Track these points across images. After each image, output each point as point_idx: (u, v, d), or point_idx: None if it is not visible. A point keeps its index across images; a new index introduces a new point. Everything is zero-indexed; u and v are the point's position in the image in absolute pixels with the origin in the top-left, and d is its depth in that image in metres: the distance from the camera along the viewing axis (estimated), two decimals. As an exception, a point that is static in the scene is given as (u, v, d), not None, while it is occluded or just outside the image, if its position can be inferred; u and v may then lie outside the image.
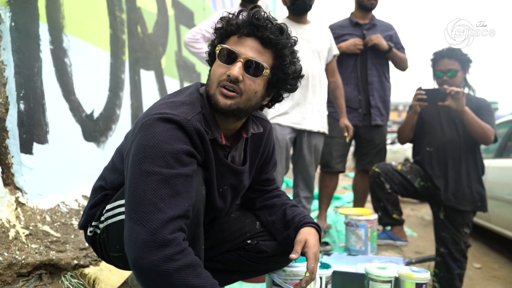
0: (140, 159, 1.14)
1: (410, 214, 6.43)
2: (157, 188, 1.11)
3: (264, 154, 1.57)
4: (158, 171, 1.12)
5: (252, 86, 1.27)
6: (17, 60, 2.10)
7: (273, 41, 1.27)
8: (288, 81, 1.35)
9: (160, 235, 1.06)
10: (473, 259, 4.21)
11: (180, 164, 1.15)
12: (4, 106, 2.05)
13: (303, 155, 2.87)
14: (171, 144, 1.15)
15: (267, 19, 1.27)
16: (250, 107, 1.32)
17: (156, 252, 1.06)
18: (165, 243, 1.06)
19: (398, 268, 1.89)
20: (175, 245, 1.07)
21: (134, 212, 1.10)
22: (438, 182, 2.88)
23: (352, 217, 2.80)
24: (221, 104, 1.26)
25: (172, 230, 1.08)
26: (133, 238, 1.09)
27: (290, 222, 1.50)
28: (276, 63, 1.30)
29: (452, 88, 2.66)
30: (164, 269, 1.05)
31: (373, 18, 3.45)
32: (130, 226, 1.10)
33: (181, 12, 4.54)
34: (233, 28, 1.29)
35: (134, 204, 1.11)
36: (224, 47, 1.28)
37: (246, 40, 1.27)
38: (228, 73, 1.24)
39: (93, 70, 2.80)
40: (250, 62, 1.25)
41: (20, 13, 2.14)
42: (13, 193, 2.08)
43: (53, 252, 1.93)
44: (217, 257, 1.56)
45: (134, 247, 1.08)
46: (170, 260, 1.06)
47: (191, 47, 3.04)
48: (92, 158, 2.70)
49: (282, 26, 1.30)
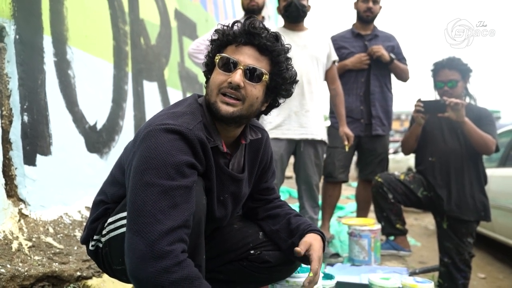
0: (142, 170, 1.15)
1: (413, 223, 6.39)
2: (157, 199, 1.12)
3: (262, 162, 1.59)
4: (159, 183, 1.13)
5: (253, 92, 1.32)
6: (21, 73, 2.12)
7: (269, 48, 1.32)
8: (285, 86, 1.40)
9: (158, 247, 1.07)
10: (477, 269, 4.17)
11: (181, 176, 1.16)
12: (8, 118, 2.07)
13: (305, 164, 2.86)
14: (173, 156, 1.16)
15: (262, 28, 1.32)
16: (252, 113, 1.36)
17: (153, 264, 1.06)
18: (162, 255, 1.07)
19: (401, 279, 1.88)
20: (172, 257, 1.08)
21: (133, 223, 1.11)
22: (441, 192, 2.88)
23: (356, 227, 2.79)
24: (222, 111, 1.29)
25: (170, 242, 1.09)
26: (132, 249, 1.10)
27: (295, 231, 1.51)
28: (273, 69, 1.35)
29: (452, 100, 2.66)
30: (160, 281, 1.06)
31: (375, 29, 3.47)
32: (130, 237, 1.11)
33: (183, 23, 4.58)
34: (230, 37, 1.34)
35: (134, 215, 1.12)
36: (224, 56, 1.32)
37: (244, 48, 1.32)
38: (230, 80, 1.28)
39: (96, 81, 2.82)
40: (249, 69, 1.30)
41: (25, 26, 2.17)
42: (16, 204, 2.09)
43: (56, 264, 1.93)
44: (220, 268, 1.56)
45: (133, 258, 1.09)
46: (166, 272, 1.06)
47: (195, 57, 3.07)
48: (95, 169, 2.71)
49: (277, 34, 1.36)
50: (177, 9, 4.44)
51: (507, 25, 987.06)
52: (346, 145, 2.97)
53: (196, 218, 1.23)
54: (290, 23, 2.88)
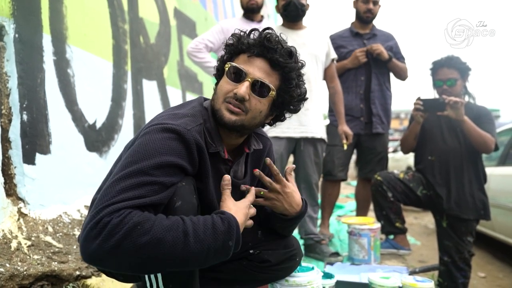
0: (127, 163, 1.13)
1: (413, 222, 6.40)
2: (126, 189, 1.07)
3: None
4: (137, 176, 1.09)
5: (257, 105, 1.31)
6: (20, 71, 2.11)
7: (281, 64, 1.31)
8: (292, 103, 1.40)
9: (101, 223, 1.00)
10: (477, 268, 4.18)
11: (162, 174, 1.13)
12: (7, 117, 2.06)
13: (304, 163, 2.86)
14: (161, 155, 1.14)
15: (278, 42, 1.31)
16: (254, 125, 1.36)
17: (97, 238, 0.99)
18: (103, 226, 1.00)
19: (401, 278, 1.88)
20: (111, 222, 1.00)
21: (94, 207, 1.06)
22: (441, 191, 2.88)
23: (355, 226, 2.79)
24: (226, 119, 1.29)
25: (111, 214, 1.02)
26: (81, 231, 1.04)
27: None
28: (283, 85, 1.34)
29: (451, 98, 2.67)
30: (106, 247, 0.99)
31: (374, 28, 3.47)
32: (84, 220, 1.06)
33: (183, 22, 4.57)
34: (244, 47, 1.32)
35: (99, 199, 1.07)
36: (233, 65, 1.31)
37: (256, 60, 1.31)
38: (235, 91, 1.28)
39: (95, 80, 2.81)
40: (257, 82, 1.29)
41: (24, 25, 2.16)
42: (15, 203, 2.08)
43: (55, 263, 1.92)
44: (220, 267, 1.56)
45: (80, 240, 1.04)
46: (109, 236, 0.99)
47: (194, 56, 3.06)
48: (94, 168, 2.71)
49: (292, 49, 1.34)
50: (177, 7, 4.43)
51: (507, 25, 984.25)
52: (345, 144, 2.97)
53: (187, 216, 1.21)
54: (289, 22, 2.87)
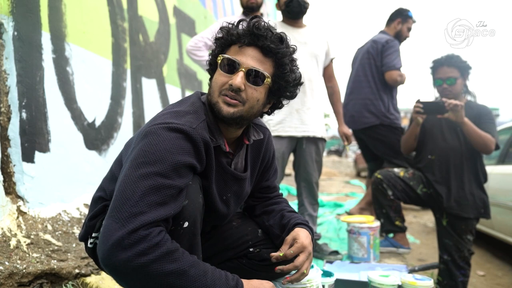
0: (139, 163, 1.13)
1: (412, 221, 6.40)
2: (147, 193, 1.08)
3: (264, 161, 1.58)
4: (154, 178, 1.10)
5: (254, 94, 1.30)
6: (19, 69, 2.11)
7: (273, 50, 1.29)
8: (288, 89, 1.37)
9: (136, 234, 1.03)
10: (477, 267, 4.18)
11: (177, 176, 1.14)
12: (6, 115, 2.06)
13: (306, 161, 2.86)
14: (173, 155, 1.14)
15: (267, 29, 1.29)
16: (252, 114, 1.34)
17: (129, 249, 1.02)
18: (139, 240, 1.03)
19: (401, 276, 1.88)
20: (149, 239, 1.04)
21: (117, 210, 1.07)
22: (440, 189, 2.87)
23: (355, 225, 2.79)
24: (224, 112, 1.28)
25: (147, 229, 1.05)
26: (108, 235, 1.05)
27: (286, 225, 1.51)
28: (277, 71, 1.33)
29: (451, 101, 2.65)
30: (135, 263, 1.02)
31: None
32: (109, 223, 1.07)
33: (182, 20, 4.56)
34: (234, 38, 1.31)
35: (119, 202, 1.08)
36: (226, 57, 1.30)
37: (247, 50, 1.30)
38: (230, 82, 1.26)
39: (95, 78, 2.81)
40: (251, 71, 1.28)
41: (23, 23, 2.15)
42: (14, 202, 2.08)
43: (54, 261, 1.92)
44: (219, 266, 1.55)
45: (107, 244, 1.04)
46: (142, 254, 1.02)
47: (193, 55, 3.06)
48: (93, 166, 2.70)
49: (282, 35, 1.32)
50: (176, 6, 4.43)
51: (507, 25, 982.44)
52: (346, 146, 2.96)
53: (192, 216, 1.21)
54: (290, 19, 2.85)
